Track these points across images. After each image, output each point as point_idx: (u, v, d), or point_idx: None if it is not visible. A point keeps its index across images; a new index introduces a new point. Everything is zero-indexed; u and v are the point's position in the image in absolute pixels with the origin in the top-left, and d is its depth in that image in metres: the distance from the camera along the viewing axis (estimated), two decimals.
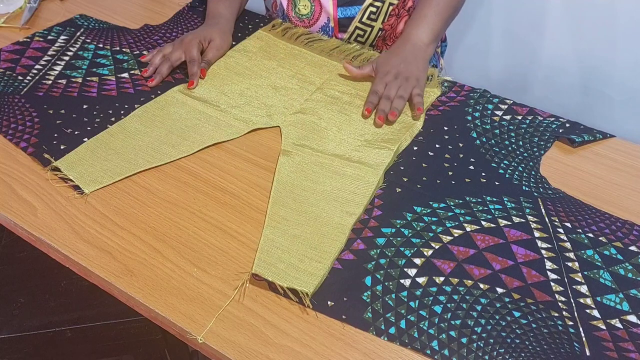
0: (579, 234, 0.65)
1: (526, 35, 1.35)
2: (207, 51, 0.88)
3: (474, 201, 0.69)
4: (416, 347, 0.53)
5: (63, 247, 0.61)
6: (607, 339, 0.55)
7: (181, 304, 0.56)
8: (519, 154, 0.77)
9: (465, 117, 0.82)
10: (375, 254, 0.61)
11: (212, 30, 0.90)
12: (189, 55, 0.85)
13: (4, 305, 0.82)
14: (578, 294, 0.59)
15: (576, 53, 1.34)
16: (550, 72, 1.38)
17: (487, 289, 0.58)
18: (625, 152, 0.78)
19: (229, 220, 0.65)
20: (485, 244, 0.63)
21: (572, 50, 1.34)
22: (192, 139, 0.75)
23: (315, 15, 0.96)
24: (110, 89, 0.84)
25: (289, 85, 0.86)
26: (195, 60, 0.85)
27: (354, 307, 0.56)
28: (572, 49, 1.34)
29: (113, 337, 0.83)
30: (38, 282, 0.85)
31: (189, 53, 0.86)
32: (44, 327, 0.81)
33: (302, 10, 0.97)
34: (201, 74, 0.85)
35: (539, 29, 1.32)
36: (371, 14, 0.95)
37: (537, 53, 1.37)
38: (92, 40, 0.95)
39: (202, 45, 0.88)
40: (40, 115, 0.78)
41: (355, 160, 0.73)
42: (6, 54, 0.90)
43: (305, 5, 0.96)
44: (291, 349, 0.53)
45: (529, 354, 0.53)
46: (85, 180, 0.68)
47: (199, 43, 0.87)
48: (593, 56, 1.33)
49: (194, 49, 0.86)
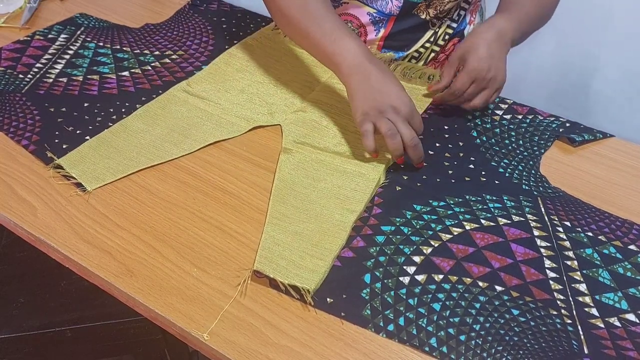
0: (578, 233, 0.65)
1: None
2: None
3: (474, 200, 0.69)
4: (415, 344, 0.53)
5: (63, 247, 0.61)
6: (605, 338, 0.55)
7: (181, 304, 0.56)
8: (518, 153, 0.77)
9: (465, 116, 0.82)
10: (375, 252, 0.61)
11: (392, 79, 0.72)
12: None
13: (4, 305, 0.82)
14: (577, 292, 0.59)
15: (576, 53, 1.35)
16: (551, 72, 1.38)
17: (486, 287, 0.59)
18: (624, 152, 0.78)
19: (229, 220, 0.65)
20: (484, 243, 0.63)
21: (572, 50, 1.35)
22: (194, 137, 0.75)
23: None
24: (111, 87, 0.84)
25: (290, 83, 0.87)
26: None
27: (353, 304, 0.56)
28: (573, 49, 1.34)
29: (113, 337, 0.83)
30: (38, 282, 0.85)
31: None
32: (44, 327, 0.80)
33: None
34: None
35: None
36: (412, 58, 0.93)
37: (537, 53, 1.37)
38: (92, 38, 0.95)
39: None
40: (41, 113, 0.78)
41: (356, 158, 0.73)
42: (7, 52, 0.90)
43: None
44: (291, 349, 0.53)
45: (528, 352, 0.53)
46: (88, 177, 0.68)
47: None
48: (593, 56, 1.33)
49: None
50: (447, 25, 0.90)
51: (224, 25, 1.01)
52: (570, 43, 1.33)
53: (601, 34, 1.28)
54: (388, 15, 0.88)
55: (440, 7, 0.85)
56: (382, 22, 0.88)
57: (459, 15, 0.90)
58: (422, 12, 0.87)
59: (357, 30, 0.90)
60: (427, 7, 0.86)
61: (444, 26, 0.90)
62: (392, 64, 0.90)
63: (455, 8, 0.88)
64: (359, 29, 0.90)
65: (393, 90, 0.69)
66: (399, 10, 0.87)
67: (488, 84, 0.76)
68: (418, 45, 0.91)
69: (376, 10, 0.87)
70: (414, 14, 0.87)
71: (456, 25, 0.90)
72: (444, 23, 0.90)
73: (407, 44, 0.91)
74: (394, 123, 0.67)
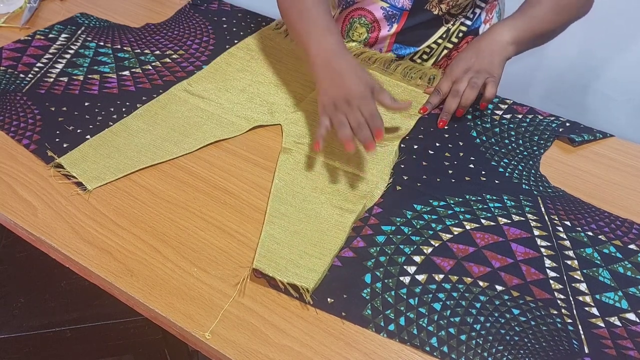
0: (578, 233, 0.65)
1: None
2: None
3: (474, 199, 0.69)
4: (415, 344, 0.53)
5: (63, 247, 0.61)
6: (605, 337, 0.55)
7: (181, 303, 0.56)
8: (518, 152, 0.77)
9: (465, 116, 0.82)
10: (375, 252, 0.61)
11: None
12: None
13: (4, 305, 0.82)
14: (577, 291, 0.59)
15: (576, 53, 1.35)
16: (550, 72, 1.38)
17: (487, 286, 0.59)
18: (624, 152, 0.78)
19: (229, 220, 0.65)
20: (484, 242, 0.63)
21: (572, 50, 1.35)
22: (194, 137, 0.75)
23: (368, 45, 0.94)
24: (112, 86, 0.84)
25: (291, 83, 0.87)
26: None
27: (354, 304, 0.56)
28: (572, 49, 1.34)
29: (113, 337, 0.83)
30: (38, 282, 0.85)
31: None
32: (44, 327, 0.80)
33: (355, 36, 0.94)
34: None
35: None
36: (424, 54, 0.93)
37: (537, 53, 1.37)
38: (93, 38, 0.95)
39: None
40: (42, 112, 0.78)
41: (356, 158, 0.73)
42: (8, 52, 0.90)
43: (360, 33, 0.93)
44: (291, 348, 0.53)
45: (528, 352, 0.53)
46: (88, 177, 0.68)
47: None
48: (593, 56, 1.33)
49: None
50: (461, 23, 0.90)
51: (225, 25, 1.01)
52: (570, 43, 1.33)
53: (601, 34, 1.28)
54: (401, 10, 0.88)
55: (452, 2, 0.86)
56: (395, 17, 0.89)
57: (474, 13, 0.90)
58: (435, 7, 0.87)
59: (371, 25, 0.91)
60: (440, 3, 0.86)
61: (457, 23, 0.90)
62: (392, 63, 0.90)
63: (470, 5, 0.88)
64: (373, 24, 0.91)
65: (348, 82, 0.70)
66: (411, 5, 0.87)
67: (474, 74, 0.78)
68: (430, 41, 0.91)
69: (389, 4, 0.88)
70: (427, 10, 0.88)
71: (470, 23, 0.90)
72: (457, 20, 0.90)
73: (420, 39, 0.92)
74: (346, 114, 0.70)
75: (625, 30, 1.25)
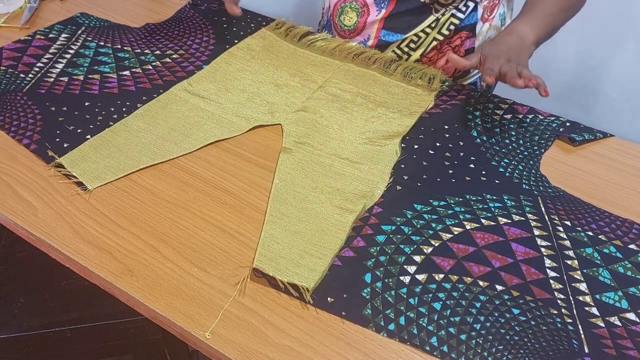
0: (578, 232, 0.65)
1: None
2: None
3: (474, 199, 0.69)
4: (415, 344, 0.53)
5: (63, 247, 0.61)
6: (605, 337, 0.55)
7: (181, 303, 0.56)
8: (519, 152, 0.77)
9: (466, 116, 0.82)
10: (375, 252, 0.61)
11: None
12: None
13: (4, 305, 0.82)
14: (577, 291, 0.59)
15: (576, 53, 1.35)
16: (550, 72, 1.38)
17: (487, 286, 0.59)
18: (624, 152, 0.78)
19: (229, 220, 0.65)
20: (484, 242, 0.63)
21: (572, 50, 1.35)
22: (195, 136, 0.75)
23: (357, 30, 0.94)
24: (112, 86, 0.84)
25: (291, 83, 0.87)
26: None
27: (354, 304, 0.56)
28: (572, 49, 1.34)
29: (113, 337, 0.83)
30: (38, 282, 0.85)
31: None
32: (44, 327, 0.80)
33: (346, 21, 0.95)
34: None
35: None
36: (411, 42, 0.93)
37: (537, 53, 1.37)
38: (93, 38, 0.95)
39: None
40: (42, 112, 0.78)
41: (356, 158, 0.73)
42: (8, 52, 0.90)
43: (350, 18, 0.95)
44: (291, 348, 0.53)
45: (528, 351, 0.53)
46: (89, 176, 0.68)
47: None
48: (593, 56, 1.33)
49: None
50: (452, 14, 0.90)
51: (225, 24, 1.01)
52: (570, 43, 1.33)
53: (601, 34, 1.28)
54: None
55: None
56: (384, 1, 0.90)
57: (466, 6, 0.90)
58: None
59: (361, 9, 0.92)
60: None
61: (448, 14, 0.90)
62: (392, 64, 0.90)
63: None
64: (363, 8, 0.92)
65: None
66: None
67: (517, 65, 0.77)
68: (418, 29, 0.92)
69: None
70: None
71: (463, 17, 0.90)
72: (448, 10, 0.90)
73: (408, 26, 0.92)
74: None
75: (625, 30, 1.25)
